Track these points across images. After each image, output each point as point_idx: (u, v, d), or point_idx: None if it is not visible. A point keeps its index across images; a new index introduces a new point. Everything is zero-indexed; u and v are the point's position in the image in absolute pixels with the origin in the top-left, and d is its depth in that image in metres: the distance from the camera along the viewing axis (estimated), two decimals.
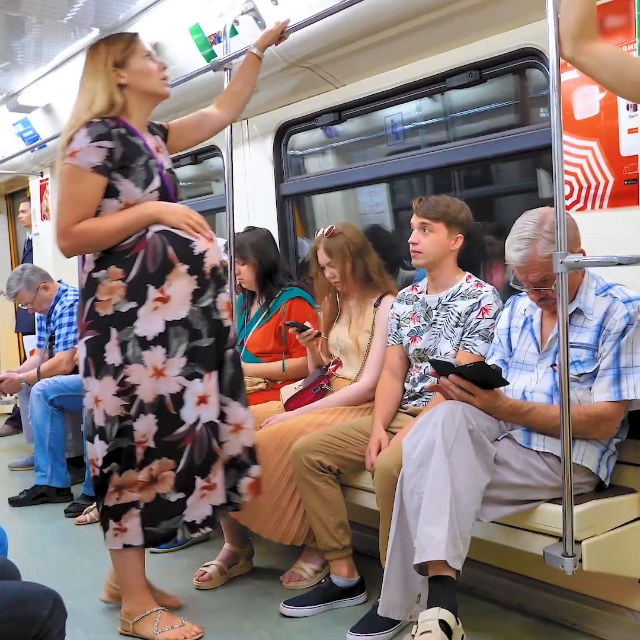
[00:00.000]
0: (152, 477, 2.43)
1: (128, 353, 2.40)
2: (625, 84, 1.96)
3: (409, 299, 2.92)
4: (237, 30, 3.36)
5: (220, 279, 2.52)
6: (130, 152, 2.43)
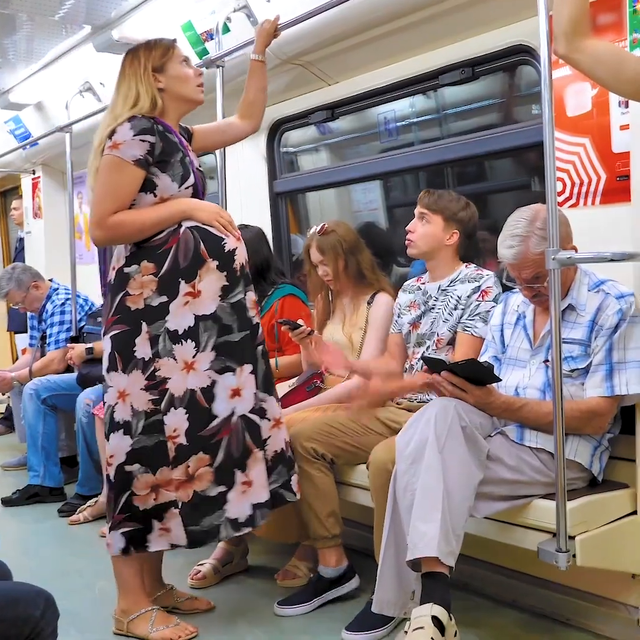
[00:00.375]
0: (188, 474, 2.43)
1: (159, 346, 2.43)
2: (621, 80, 1.96)
3: (411, 289, 2.94)
4: (230, 28, 3.35)
5: (248, 277, 2.56)
6: (169, 148, 2.47)
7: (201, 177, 2.62)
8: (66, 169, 4.83)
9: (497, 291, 2.69)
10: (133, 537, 2.47)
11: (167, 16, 3.71)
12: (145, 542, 2.47)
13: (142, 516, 2.45)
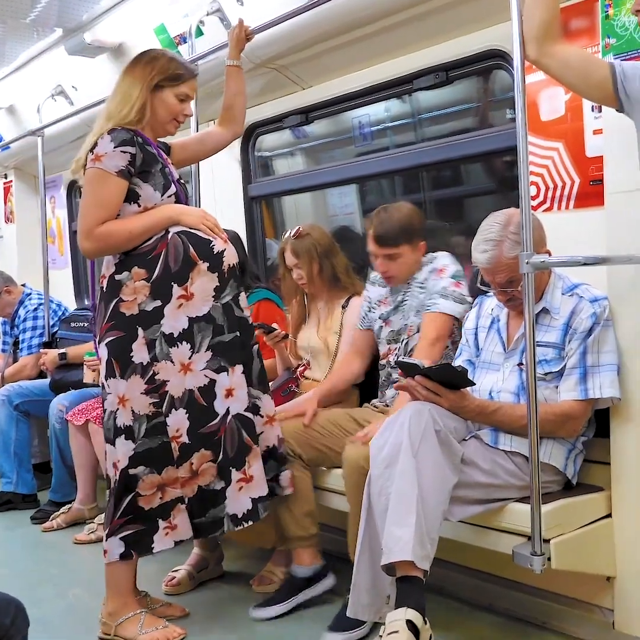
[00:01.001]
0: (193, 471, 2.48)
1: (156, 350, 2.46)
2: (589, 85, 1.98)
3: (381, 282, 2.93)
4: (203, 31, 3.34)
5: (238, 278, 2.59)
6: (149, 159, 2.49)
7: (183, 188, 2.64)
8: (38, 173, 4.79)
9: (454, 268, 2.73)
10: (136, 541, 2.49)
11: (140, 19, 3.69)
12: (150, 544, 2.49)
13: (147, 516, 2.48)
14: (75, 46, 3.89)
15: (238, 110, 2.88)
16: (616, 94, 1.94)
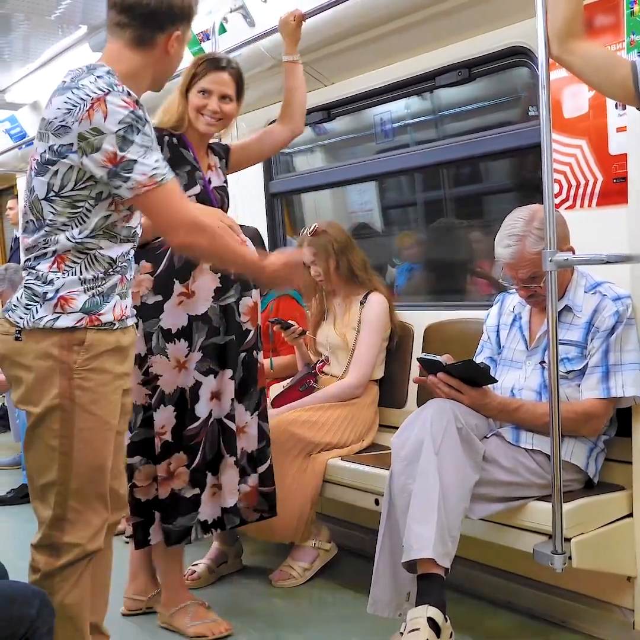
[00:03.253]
0: (169, 472, 2.47)
1: (152, 344, 2.46)
2: (610, 83, 1.97)
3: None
4: (226, 28, 3.35)
5: (246, 282, 2.53)
6: (175, 160, 2.46)
7: (219, 197, 2.60)
8: None
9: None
10: (136, 533, 2.52)
11: None
12: (147, 536, 2.52)
13: (144, 508, 2.51)
14: (100, 43, 3.91)
15: (295, 107, 2.76)
16: (637, 93, 1.92)
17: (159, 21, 1.86)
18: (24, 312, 1.82)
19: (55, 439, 1.82)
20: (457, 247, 3.94)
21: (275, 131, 2.79)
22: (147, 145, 1.76)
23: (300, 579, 2.89)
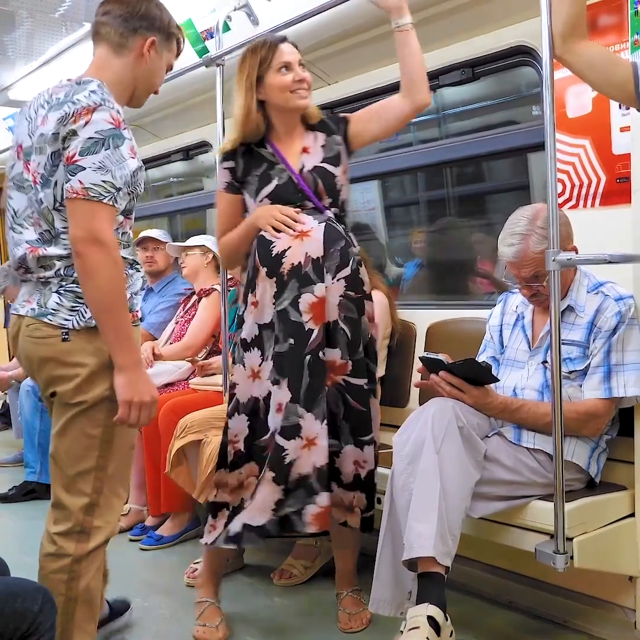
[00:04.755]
0: (239, 481, 2.46)
1: (235, 353, 2.52)
2: (611, 84, 1.97)
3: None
4: (230, 26, 3.35)
5: (305, 277, 2.35)
6: (249, 166, 2.49)
7: (310, 179, 2.44)
8: None
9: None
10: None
11: None
12: (202, 534, 2.53)
13: (206, 508, 2.56)
14: None
15: (412, 76, 2.40)
16: (637, 94, 1.93)
17: (134, 25, 2.02)
18: (70, 314, 1.91)
19: (98, 427, 1.94)
20: (459, 246, 3.94)
21: (393, 103, 2.49)
22: (104, 165, 1.83)
23: (301, 577, 2.89)
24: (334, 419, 2.40)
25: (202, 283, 3.85)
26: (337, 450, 2.41)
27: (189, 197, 5.07)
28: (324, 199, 2.45)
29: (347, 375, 2.41)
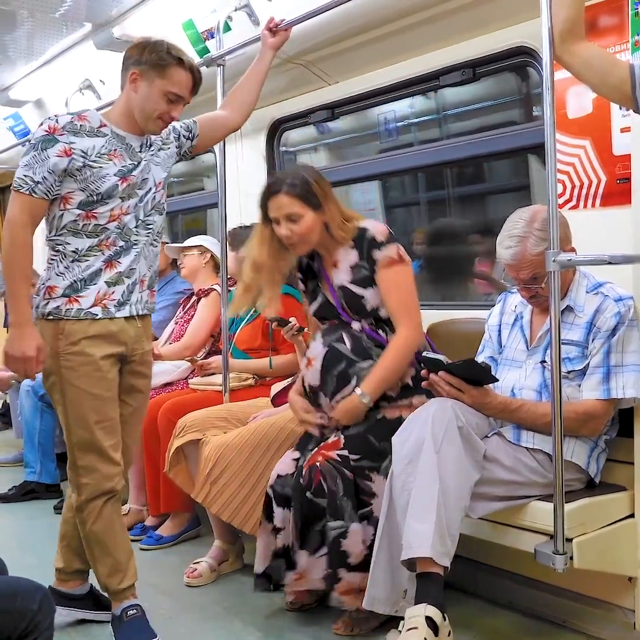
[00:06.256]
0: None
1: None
2: (608, 85, 1.98)
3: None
4: (231, 26, 3.35)
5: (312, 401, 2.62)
6: (310, 284, 2.77)
7: (341, 293, 2.56)
8: None
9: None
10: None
11: (168, 14, 3.71)
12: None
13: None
14: (104, 41, 3.92)
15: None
16: (634, 96, 1.93)
17: (125, 64, 2.45)
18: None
19: (57, 393, 2.43)
20: (459, 246, 3.94)
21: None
22: (31, 163, 2.31)
23: None
24: (333, 497, 2.38)
25: (201, 283, 3.86)
26: (344, 531, 2.36)
27: (190, 197, 5.07)
28: (352, 314, 2.57)
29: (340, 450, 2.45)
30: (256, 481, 2.81)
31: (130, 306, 2.46)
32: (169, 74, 2.39)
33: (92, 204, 2.35)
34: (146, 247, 2.49)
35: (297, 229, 2.51)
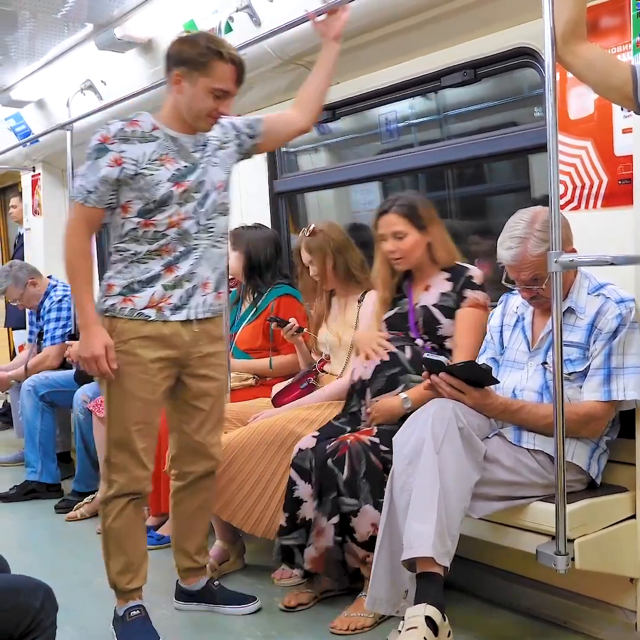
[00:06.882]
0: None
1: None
2: (609, 86, 1.98)
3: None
4: (232, 27, 3.35)
5: (362, 392, 2.70)
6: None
7: (421, 312, 2.74)
8: (66, 167, 4.82)
9: None
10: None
11: (170, 15, 3.71)
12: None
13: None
14: (106, 41, 3.92)
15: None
16: (635, 97, 1.93)
17: (166, 63, 2.42)
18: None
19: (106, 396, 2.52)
20: (458, 247, 3.94)
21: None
22: (85, 173, 2.37)
23: (301, 577, 2.89)
24: (354, 476, 2.47)
25: None
26: (356, 510, 2.45)
27: None
28: (422, 333, 2.73)
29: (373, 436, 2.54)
30: (256, 481, 2.82)
31: (188, 310, 2.44)
32: (211, 71, 2.34)
33: (150, 211, 2.36)
34: (208, 250, 2.46)
35: (402, 245, 2.73)
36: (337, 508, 2.48)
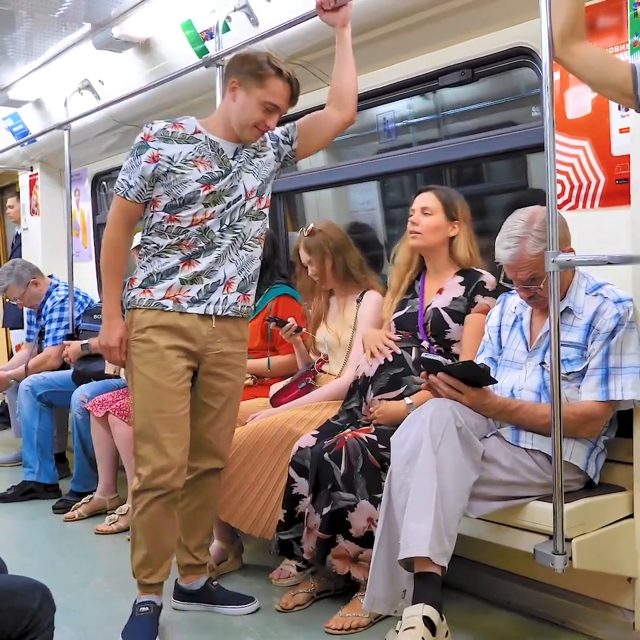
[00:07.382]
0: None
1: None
2: (609, 85, 1.98)
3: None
4: (230, 27, 3.35)
5: (364, 387, 2.75)
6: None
7: (431, 313, 2.77)
8: (64, 166, 4.83)
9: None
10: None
11: (167, 14, 3.71)
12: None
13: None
14: (103, 41, 3.92)
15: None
16: (635, 95, 1.93)
17: (226, 73, 2.56)
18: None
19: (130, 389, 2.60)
20: None
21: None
22: (128, 168, 2.47)
23: (300, 577, 2.89)
24: (351, 471, 2.49)
25: None
26: (353, 505, 2.47)
27: None
28: (429, 335, 2.76)
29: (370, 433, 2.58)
30: (255, 480, 2.82)
31: (207, 305, 2.49)
32: (267, 84, 2.43)
33: (176, 207, 2.44)
34: (232, 250, 2.50)
35: (425, 221, 2.77)
36: (330, 503, 2.49)
